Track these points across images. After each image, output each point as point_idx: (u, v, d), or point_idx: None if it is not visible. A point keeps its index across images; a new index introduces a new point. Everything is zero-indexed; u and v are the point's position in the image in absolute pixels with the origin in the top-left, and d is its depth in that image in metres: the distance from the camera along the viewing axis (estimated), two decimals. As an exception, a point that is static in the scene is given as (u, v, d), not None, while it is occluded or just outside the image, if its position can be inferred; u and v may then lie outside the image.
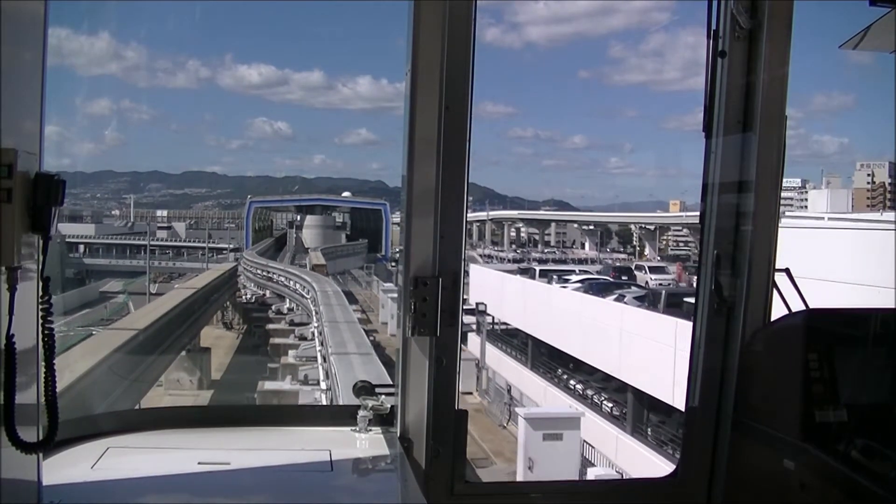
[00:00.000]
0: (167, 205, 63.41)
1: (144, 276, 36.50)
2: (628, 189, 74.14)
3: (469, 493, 3.72)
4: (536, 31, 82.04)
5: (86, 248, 44.91)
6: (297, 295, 29.88)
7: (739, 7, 3.66)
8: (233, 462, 3.22)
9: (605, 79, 68.96)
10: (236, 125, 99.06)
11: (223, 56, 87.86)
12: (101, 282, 39.84)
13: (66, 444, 3.23)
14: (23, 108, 2.30)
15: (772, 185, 3.77)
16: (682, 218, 37.46)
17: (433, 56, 3.39)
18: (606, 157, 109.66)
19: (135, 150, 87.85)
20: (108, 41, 62.67)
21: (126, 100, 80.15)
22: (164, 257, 46.61)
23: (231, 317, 32.53)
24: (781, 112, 3.72)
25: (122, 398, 18.39)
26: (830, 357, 3.40)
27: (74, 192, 51.07)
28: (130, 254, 45.19)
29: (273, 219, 55.69)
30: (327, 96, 79.40)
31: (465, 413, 3.70)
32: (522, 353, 28.62)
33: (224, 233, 53.44)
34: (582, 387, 24.78)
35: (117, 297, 35.28)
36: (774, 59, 3.67)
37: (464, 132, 3.48)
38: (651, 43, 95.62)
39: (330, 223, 53.37)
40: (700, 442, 3.86)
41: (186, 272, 39.98)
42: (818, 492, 3.23)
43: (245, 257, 39.11)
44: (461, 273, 3.55)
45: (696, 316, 3.94)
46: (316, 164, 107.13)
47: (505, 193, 63.51)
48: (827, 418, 3.32)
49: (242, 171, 78.12)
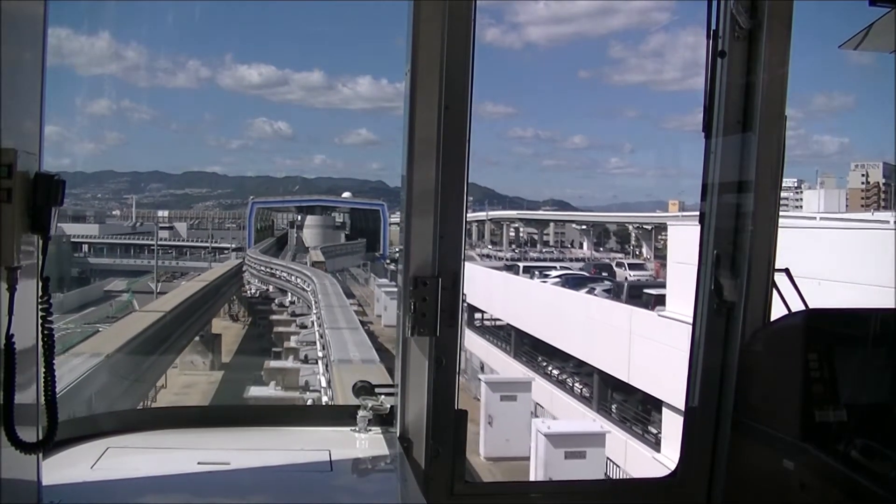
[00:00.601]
0: (167, 205, 63.57)
1: (147, 276, 38.49)
2: (628, 189, 74.61)
3: (469, 493, 3.72)
4: (537, 31, 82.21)
5: (89, 248, 45.42)
6: (298, 289, 31.91)
7: (739, 7, 3.66)
8: (232, 462, 3.22)
9: (605, 79, 69.21)
10: (237, 125, 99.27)
11: (223, 56, 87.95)
12: (105, 281, 40.79)
13: (66, 444, 3.23)
14: (22, 108, 2.30)
15: (771, 185, 3.77)
16: (679, 218, 37.56)
17: (433, 56, 3.39)
18: (606, 158, 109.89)
19: (135, 150, 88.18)
20: (108, 41, 63.05)
21: (126, 100, 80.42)
22: (168, 257, 47.36)
23: (237, 309, 34.58)
24: (781, 112, 3.72)
25: (153, 368, 22.19)
26: (830, 357, 3.40)
27: (75, 193, 51.71)
28: (134, 253, 46.33)
29: (274, 219, 56.84)
30: (327, 96, 79.69)
31: (464, 413, 3.69)
32: (507, 344, 30.00)
33: (226, 233, 54.27)
34: (558, 372, 26.09)
35: (122, 295, 36.51)
36: (774, 59, 3.67)
37: (463, 132, 3.48)
38: (651, 43, 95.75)
39: (329, 223, 54.51)
40: (700, 442, 3.86)
41: (190, 271, 41.07)
42: (818, 492, 3.23)
43: (249, 255, 40.86)
44: (461, 273, 3.54)
45: (695, 316, 3.94)
46: (316, 164, 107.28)
47: (505, 193, 63.66)
48: (827, 418, 3.32)
49: (243, 172, 78.37)
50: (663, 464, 15.50)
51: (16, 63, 2.21)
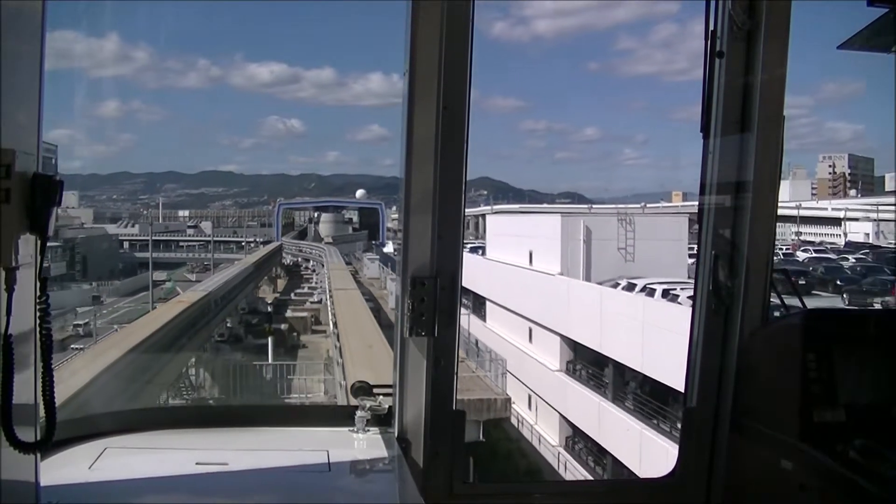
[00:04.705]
0: (183, 204, 64.99)
1: (184, 267, 50.87)
2: (642, 180, 73.81)
3: (467, 493, 3.72)
4: (544, 24, 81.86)
5: (131, 245, 52.69)
6: (315, 256, 53.46)
7: (737, 7, 3.65)
8: (231, 462, 3.22)
9: (614, 70, 68.49)
10: (249, 124, 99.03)
11: (233, 55, 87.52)
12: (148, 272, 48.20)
13: (65, 445, 3.23)
14: (21, 109, 2.30)
15: (769, 185, 3.76)
16: (678, 208, 38.13)
17: (431, 56, 3.39)
18: (620, 149, 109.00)
19: (148, 151, 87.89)
20: (118, 43, 63.27)
21: (137, 101, 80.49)
22: (201, 251, 56.42)
23: (279, 273, 51.31)
24: (779, 112, 3.71)
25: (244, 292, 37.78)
26: (828, 357, 3.40)
27: (90, 195, 53.10)
28: (174, 248, 55.45)
29: (294, 217, 68.34)
30: (338, 93, 79.25)
31: (462, 413, 3.69)
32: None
33: (247, 230, 63.11)
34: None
35: (165, 283, 44.42)
36: (772, 59, 3.67)
37: (462, 132, 3.48)
38: (660, 33, 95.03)
39: (340, 219, 66.07)
40: (699, 442, 3.86)
41: (223, 262, 50.17)
42: (816, 492, 3.23)
43: (284, 241, 58.40)
44: (459, 273, 3.54)
45: (693, 316, 3.93)
46: (330, 160, 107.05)
47: (520, 187, 63.63)
48: (825, 418, 3.32)
49: (258, 170, 78.36)
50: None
51: (14, 63, 2.20)
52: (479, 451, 16.49)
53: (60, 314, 30.46)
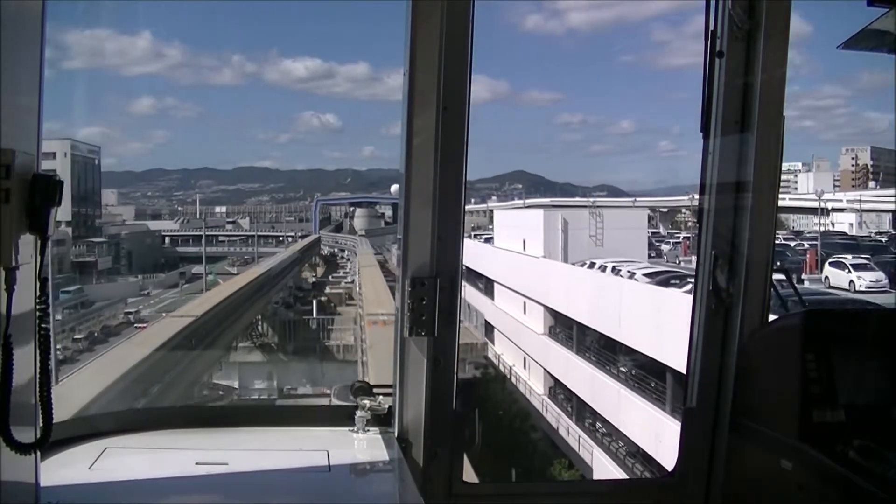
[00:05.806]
0: (220, 200, 65.84)
1: (224, 261, 53.55)
2: (680, 172, 72.34)
3: (467, 493, 3.73)
4: (578, 16, 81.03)
5: (171, 240, 53.89)
6: (349, 246, 57.91)
7: (737, 7, 3.64)
8: (231, 463, 3.22)
9: (650, 62, 67.46)
10: (284, 119, 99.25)
11: (268, 51, 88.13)
12: (191, 265, 51.00)
13: (64, 445, 3.22)
14: (21, 109, 2.30)
15: (769, 185, 3.75)
16: (683, 201, 39.80)
17: (431, 57, 3.39)
18: (656, 141, 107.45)
19: (183, 147, 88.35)
20: (150, 40, 64.01)
21: (171, 98, 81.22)
22: (242, 245, 58.52)
23: (318, 262, 55.50)
24: (779, 112, 3.69)
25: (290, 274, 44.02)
26: (828, 357, 3.38)
27: (124, 192, 53.84)
28: (214, 243, 57.11)
29: (331, 212, 70.70)
30: (373, 88, 79.07)
31: (462, 413, 3.72)
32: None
33: (286, 225, 64.51)
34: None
35: (208, 276, 46.89)
36: (772, 59, 3.65)
37: (462, 132, 3.48)
38: (693, 25, 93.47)
39: (374, 214, 67.92)
40: (698, 442, 3.86)
41: (263, 255, 52.46)
42: (816, 492, 3.22)
43: (322, 234, 61.83)
44: (459, 274, 3.54)
45: (693, 316, 3.92)
46: (365, 155, 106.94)
47: (555, 180, 63.27)
48: (824, 418, 3.31)
49: (293, 165, 78.40)
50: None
51: (14, 63, 2.20)
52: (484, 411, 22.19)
53: (111, 304, 37.61)
